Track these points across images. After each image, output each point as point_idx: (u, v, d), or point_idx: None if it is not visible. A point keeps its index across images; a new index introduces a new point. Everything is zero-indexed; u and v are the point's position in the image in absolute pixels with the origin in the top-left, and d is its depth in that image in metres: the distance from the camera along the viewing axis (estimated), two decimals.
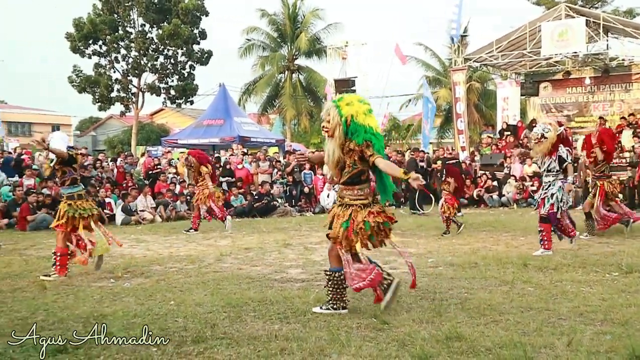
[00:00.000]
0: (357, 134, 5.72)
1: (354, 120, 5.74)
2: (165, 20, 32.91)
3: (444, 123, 38.58)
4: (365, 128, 5.73)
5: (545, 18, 24.72)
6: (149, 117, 50.18)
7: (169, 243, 12.10)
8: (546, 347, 4.63)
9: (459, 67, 25.86)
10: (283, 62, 38.43)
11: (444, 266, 8.45)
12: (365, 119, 5.78)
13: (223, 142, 26.22)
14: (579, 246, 10.21)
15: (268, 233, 13.56)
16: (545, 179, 9.64)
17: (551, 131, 9.45)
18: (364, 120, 5.76)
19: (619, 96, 25.82)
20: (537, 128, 9.69)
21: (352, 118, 5.74)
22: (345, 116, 5.74)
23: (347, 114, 5.75)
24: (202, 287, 7.25)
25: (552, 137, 9.43)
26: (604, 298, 6.26)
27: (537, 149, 9.58)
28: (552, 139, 9.43)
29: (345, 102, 5.83)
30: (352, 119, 5.74)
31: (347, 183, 5.88)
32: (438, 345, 4.72)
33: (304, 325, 5.39)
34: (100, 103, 33.45)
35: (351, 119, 5.74)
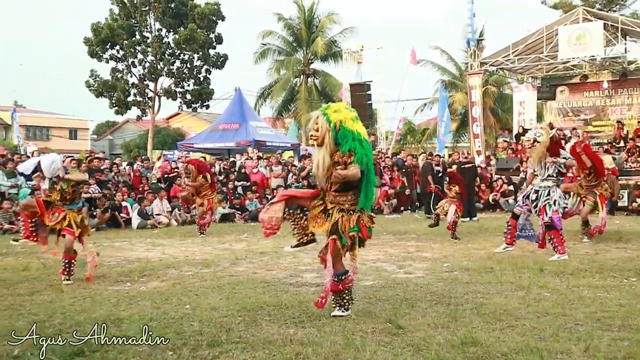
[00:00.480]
0: (345, 140, 5.73)
1: (342, 126, 5.74)
2: (181, 25, 33.13)
3: (460, 127, 38.42)
4: (353, 134, 5.75)
5: (563, 22, 24.58)
6: (165, 121, 50.41)
7: (184, 247, 12.15)
8: (563, 353, 4.60)
9: (475, 71, 25.77)
10: (298, 66, 38.48)
11: (460, 271, 8.42)
12: (353, 124, 5.80)
13: (239, 146, 26.29)
14: (595, 251, 10.15)
15: (283, 237, 13.49)
16: (544, 183, 9.52)
17: (543, 135, 9.42)
18: (352, 126, 5.78)
19: (637, 100, 25.58)
20: (529, 133, 9.73)
21: (340, 123, 5.75)
22: (334, 122, 5.74)
23: (336, 119, 5.75)
24: (217, 291, 7.27)
25: (545, 141, 9.38)
26: (622, 304, 6.21)
27: (532, 154, 9.52)
28: (546, 143, 9.38)
29: (332, 110, 5.85)
30: (341, 124, 5.74)
31: (340, 190, 5.88)
32: (453, 351, 4.70)
33: (319, 330, 5.39)
34: (117, 107, 33.71)
35: (340, 125, 5.74)
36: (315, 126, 5.84)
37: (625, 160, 20.78)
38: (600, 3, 36.34)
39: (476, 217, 17.26)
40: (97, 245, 12.43)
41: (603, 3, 36.43)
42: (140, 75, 33.83)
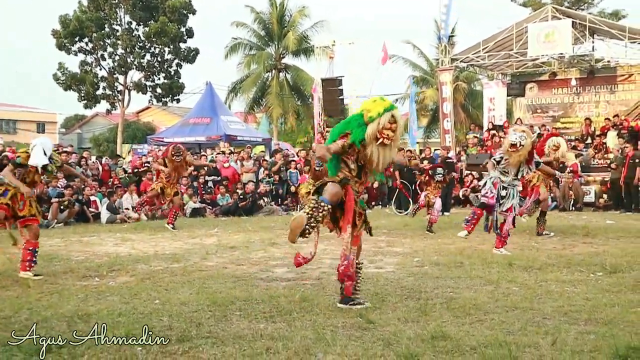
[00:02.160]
0: None
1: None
2: (152, 18, 32.85)
3: (431, 123, 38.67)
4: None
5: (532, 19, 24.86)
6: (135, 115, 49.92)
7: (154, 241, 12.04)
8: (531, 347, 4.65)
9: (446, 67, 25.95)
10: (270, 61, 38.38)
11: (430, 265, 8.47)
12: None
13: (209, 141, 26.16)
14: (563, 246, 10.30)
15: (254, 232, 13.53)
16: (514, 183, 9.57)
17: (527, 139, 9.28)
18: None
19: (604, 97, 26.00)
20: (513, 137, 9.31)
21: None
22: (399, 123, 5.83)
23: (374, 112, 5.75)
24: (187, 286, 7.21)
25: (528, 145, 9.31)
26: (588, 298, 6.30)
27: (515, 159, 9.33)
28: (529, 147, 9.33)
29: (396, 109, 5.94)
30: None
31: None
32: (423, 345, 4.72)
33: (290, 325, 5.38)
34: (86, 101, 33.33)
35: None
36: (393, 126, 5.74)
37: (592, 157, 21.11)
38: (569, 1, 36.85)
39: (449, 212, 17.41)
40: (65, 239, 12.30)
41: (572, 1, 36.94)
42: (109, 69, 33.50)
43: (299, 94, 38.87)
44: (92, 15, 31.97)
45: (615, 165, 18.98)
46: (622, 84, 25.67)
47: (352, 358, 4.49)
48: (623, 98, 25.67)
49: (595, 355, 4.43)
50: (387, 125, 5.70)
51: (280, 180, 20.56)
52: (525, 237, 11.69)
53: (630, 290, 6.65)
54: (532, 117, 26.94)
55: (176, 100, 35.45)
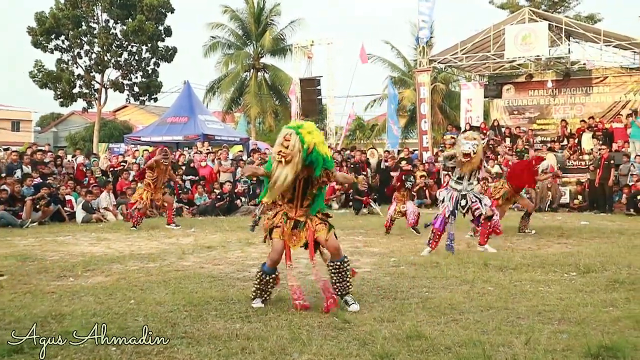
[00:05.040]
0: (316, 164, 5.79)
1: (315, 149, 5.76)
2: (129, 16, 32.60)
3: (409, 123, 38.83)
4: (324, 157, 5.83)
5: (509, 21, 25.06)
6: (112, 113, 49.57)
7: (130, 241, 11.96)
8: (504, 346, 4.69)
9: (423, 68, 26.05)
10: (248, 61, 38.30)
11: (406, 265, 8.51)
12: (323, 148, 5.86)
13: (187, 140, 26.03)
14: (538, 246, 10.40)
15: (231, 232, 13.50)
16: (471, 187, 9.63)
17: (479, 146, 9.37)
18: (322, 150, 5.84)
19: (579, 100, 26.26)
20: (466, 146, 9.27)
21: (314, 147, 5.76)
22: (308, 144, 5.73)
23: (310, 142, 5.74)
24: (163, 286, 7.17)
25: (480, 152, 9.47)
26: (562, 297, 6.37)
27: (467, 167, 9.40)
28: (480, 154, 9.50)
29: (306, 131, 5.81)
30: (314, 147, 5.76)
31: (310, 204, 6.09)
32: (398, 344, 4.74)
33: (266, 325, 5.38)
34: (62, 99, 32.99)
35: (313, 148, 5.75)
36: (286, 143, 5.76)
37: (568, 158, 21.33)
38: (546, 4, 37.22)
39: None
40: (39, 239, 12.17)
41: (548, 4, 37.31)
42: (86, 67, 33.21)
43: (277, 94, 38.84)
44: (69, 12, 31.64)
45: (593, 166, 19.22)
46: (597, 86, 25.96)
47: (327, 358, 4.50)
48: (598, 100, 25.95)
49: (568, 354, 4.48)
50: (280, 142, 5.83)
51: (258, 180, 20.48)
52: (500, 236, 11.76)
53: (602, 290, 6.74)
54: (509, 119, 27.15)
55: (154, 99, 35.25)
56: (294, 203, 6.07)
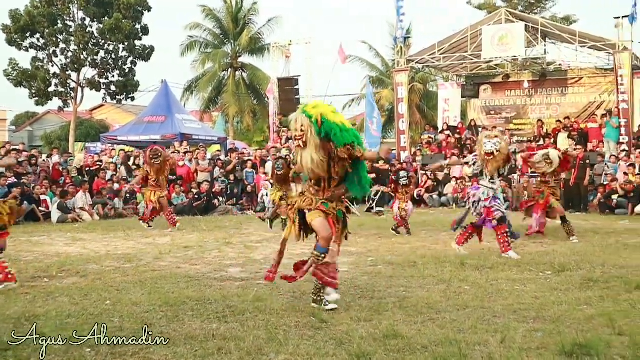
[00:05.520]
0: (333, 133, 5.67)
1: (325, 119, 5.67)
2: (106, 14, 32.25)
3: (387, 123, 38.90)
4: (338, 126, 5.69)
5: (487, 22, 25.23)
6: (89, 112, 49.05)
7: (106, 241, 11.86)
8: (480, 345, 4.72)
9: (401, 68, 26.13)
10: (226, 60, 38.17)
11: (383, 265, 8.53)
12: (335, 117, 5.75)
13: (164, 140, 25.81)
14: (514, 246, 10.45)
15: (209, 231, 13.45)
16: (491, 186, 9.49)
17: (502, 143, 9.29)
18: (335, 118, 5.73)
19: (555, 100, 26.55)
20: (488, 145, 9.21)
21: (322, 117, 5.68)
22: (315, 117, 5.66)
23: (317, 114, 5.68)
24: (139, 286, 7.12)
25: (504, 148, 9.31)
26: (537, 296, 6.42)
27: (493, 165, 9.30)
28: (505, 150, 9.30)
29: (311, 107, 5.81)
30: (323, 117, 5.67)
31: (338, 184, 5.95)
32: (375, 344, 4.75)
33: (242, 325, 5.36)
34: (38, 98, 32.60)
35: (322, 118, 5.67)
36: (298, 126, 5.73)
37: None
38: (523, 5, 37.52)
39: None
40: (13, 239, 12.01)
41: (525, 5, 37.62)
42: (62, 65, 32.81)
43: (255, 93, 38.73)
44: (44, 10, 31.25)
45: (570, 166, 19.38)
46: (572, 86, 26.26)
47: (304, 357, 4.50)
48: (573, 101, 26.25)
49: (543, 353, 4.52)
50: (294, 127, 5.81)
51: (236, 179, 20.45)
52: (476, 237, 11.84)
53: (577, 288, 6.81)
54: (486, 119, 27.36)
55: (131, 99, 34.91)
56: (321, 186, 5.94)
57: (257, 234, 12.85)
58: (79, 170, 19.63)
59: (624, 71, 21.62)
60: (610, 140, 21.44)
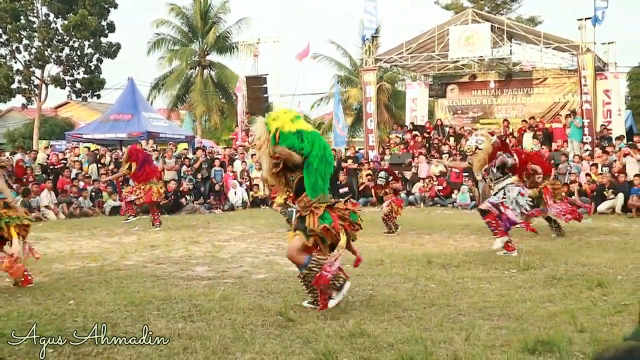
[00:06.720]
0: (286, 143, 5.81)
1: (281, 132, 5.82)
2: (71, 10, 31.77)
3: (355, 122, 39.01)
4: (293, 135, 5.82)
5: (453, 22, 25.40)
6: (53, 110, 48.29)
7: (71, 240, 11.71)
8: (445, 342, 4.76)
9: (369, 67, 26.20)
10: (194, 58, 37.91)
11: (351, 264, 8.52)
12: (292, 126, 5.87)
13: (131, 138, 25.52)
14: (480, 244, 10.58)
15: (175, 230, 13.35)
16: (497, 186, 9.60)
17: (484, 142, 9.57)
18: (292, 127, 5.85)
19: (520, 100, 26.85)
20: (471, 141, 9.80)
21: (279, 131, 5.82)
22: (272, 131, 5.83)
23: (273, 128, 5.84)
24: (104, 286, 7.04)
25: (487, 147, 9.51)
26: (502, 294, 6.50)
27: (474, 161, 9.67)
28: (487, 149, 9.51)
29: (272, 118, 5.95)
30: (279, 132, 5.82)
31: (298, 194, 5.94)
32: (342, 342, 4.76)
33: (209, 324, 5.33)
34: (0, 94, 31.99)
35: (279, 132, 5.81)
36: (257, 136, 5.98)
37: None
38: (489, 6, 37.91)
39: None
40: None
41: (491, 6, 38.02)
42: (25, 62, 32.25)
43: (223, 92, 38.53)
44: (7, 5, 30.67)
45: None
46: (537, 87, 26.59)
47: (270, 356, 4.49)
48: (538, 101, 26.58)
49: (506, 350, 4.57)
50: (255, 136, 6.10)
51: (203, 178, 20.32)
52: (444, 235, 11.95)
53: (541, 286, 6.90)
54: (453, 118, 27.58)
55: (96, 96, 34.44)
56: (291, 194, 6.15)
57: (224, 232, 12.79)
58: (43, 168, 19.34)
59: (587, 72, 21.95)
60: (574, 140, 21.76)
